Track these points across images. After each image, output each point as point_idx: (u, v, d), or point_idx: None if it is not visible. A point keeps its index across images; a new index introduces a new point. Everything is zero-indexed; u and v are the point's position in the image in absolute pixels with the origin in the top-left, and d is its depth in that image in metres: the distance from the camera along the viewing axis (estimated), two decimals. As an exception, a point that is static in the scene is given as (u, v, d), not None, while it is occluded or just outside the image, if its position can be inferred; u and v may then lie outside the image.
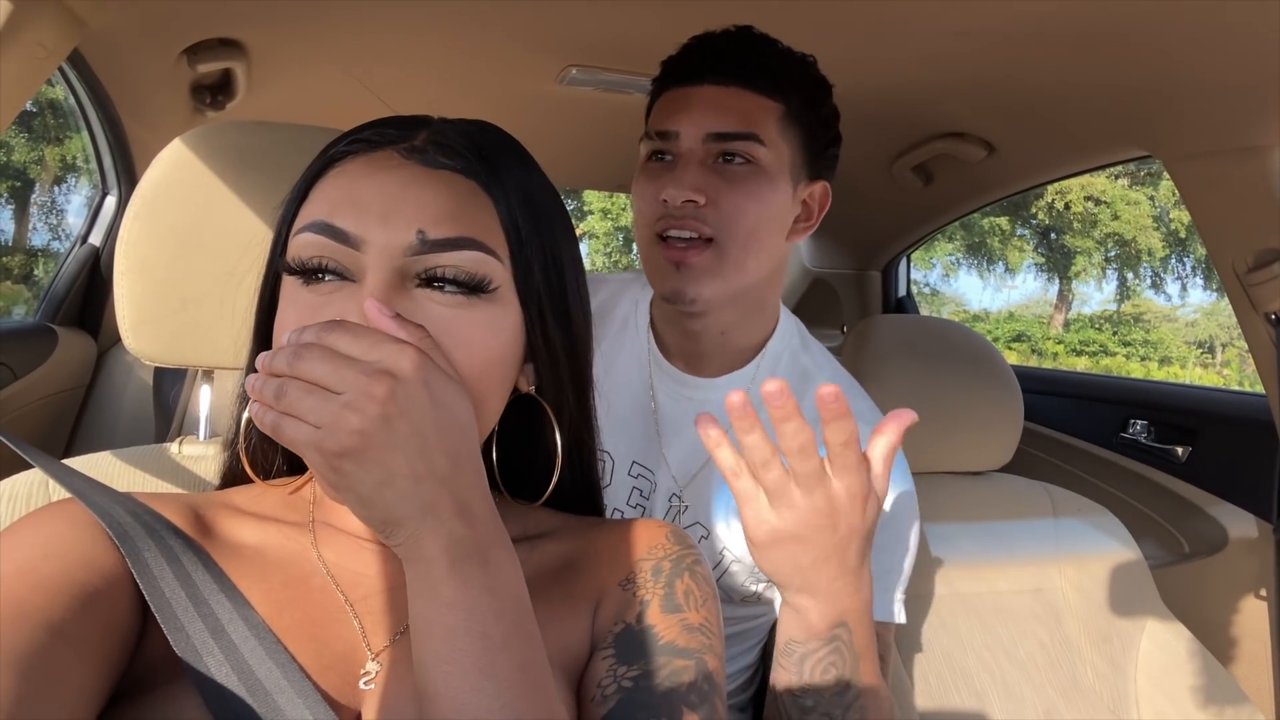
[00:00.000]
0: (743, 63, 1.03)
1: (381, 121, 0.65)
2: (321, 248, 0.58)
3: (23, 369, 1.71)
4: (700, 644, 0.64)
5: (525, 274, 0.64)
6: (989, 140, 1.78)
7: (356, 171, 0.61)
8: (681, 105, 1.04)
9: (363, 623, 0.62)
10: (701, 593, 0.68)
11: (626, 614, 0.65)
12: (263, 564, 0.64)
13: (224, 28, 1.45)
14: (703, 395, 1.14)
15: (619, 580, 0.68)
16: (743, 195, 1.03)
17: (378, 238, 0.58)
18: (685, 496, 1.13)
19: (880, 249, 2.70)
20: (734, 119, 1.02)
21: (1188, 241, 20.76)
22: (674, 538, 0.71)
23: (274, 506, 0.69)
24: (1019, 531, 1.42)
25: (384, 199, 0.59)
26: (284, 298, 0.61)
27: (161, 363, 0.87)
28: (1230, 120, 1.29)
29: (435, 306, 0.59)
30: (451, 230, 0.59)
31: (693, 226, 1.02)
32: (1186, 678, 1.28)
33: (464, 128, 0.66)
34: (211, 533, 0.65)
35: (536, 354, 0.67)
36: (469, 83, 1.71)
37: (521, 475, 0.74)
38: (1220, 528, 1.81)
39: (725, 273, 1.04)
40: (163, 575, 0.58)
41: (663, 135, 1.05)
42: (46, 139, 9.27)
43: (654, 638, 0.63)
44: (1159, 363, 20.87)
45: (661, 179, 1.04)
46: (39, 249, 11.57)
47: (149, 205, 0.84)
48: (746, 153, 1.03)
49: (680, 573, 0.68)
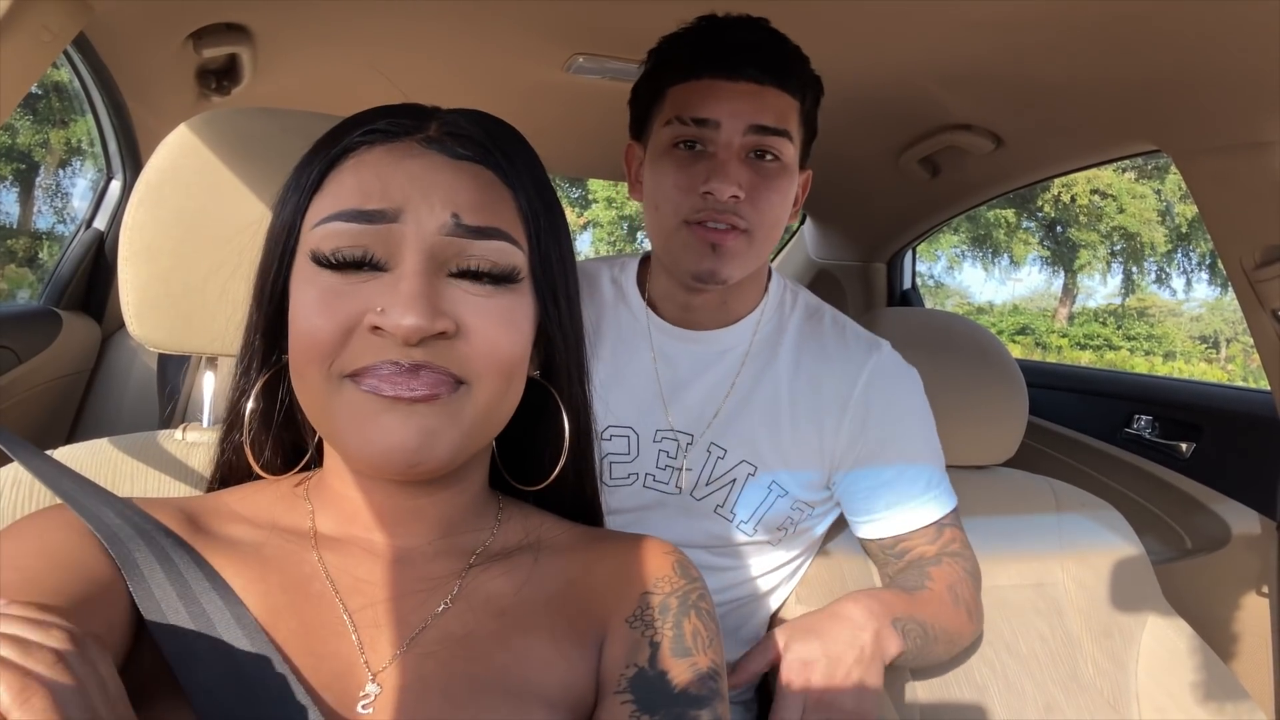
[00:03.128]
0: (778, 61, 1.08)
1: (390, 110, 0.65)
2: (355, 235, 0.58)
3: (27, 353, 1.72)
4: (710, 690, 0.64)
5: (543, 263, 0.65)
6: (997, 133, 1.77)
7: (378, 160, 0.61)
8: (724, 96, 1.07)
9: (361, 636, 0.61)
10: (708, 632, 0.68)
11: (637, 656, 0.64)
12: (260, 564, 0.63)
13: (230, 12, 1.44)
14: (715, 346, 1.20)
15: (625, 616, 0.67)
16: (774, 191, 1.10)
17: (414, 215, 0.58)
18: (721, 441, 1.18)
19: (886, 241, 2.69)
20: (772, 115, 1.08)
21: (1193, 236, 20.68)
22: (680, 569, 0.71)
23: (271, 508, 0.68)
24: (1022, 526, 1.42)
25: (414, 183, 0.59)
26: (301, 281, 0.61)
27: (165, 349, 0.87)
28: (1240, 116, 1.28)
29: (469, 297, 0.59)
30: (483, 219, 0.60)
31: (731, 220, 1.08)
32: (1187, 673, 1.28)
33: (473, 118, 0.66)
34: (206, 533, 0.64)
35: (549, 341, 0.68)
36: (475, 70, 1.71)
37: (521, 464, 0.74)
38: (1223, 524, 1.81)
39: (752, 257, 1.12)
40: (153, 576, 0.57)
41: (700, 123, 1.07)
42: (52, 122, 9.26)
43: (669, 685, 0.63)
44: (1163, 357, 20.84)
45: (696, 169, 1.08)
46: (44, 232, 11.57)
47: (154, 191, 0.84)
48: (778, 149, 1.09)
49: (687, 611, 0.68)
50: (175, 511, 0.65)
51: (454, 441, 0.60)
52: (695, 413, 1.18)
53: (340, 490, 0.67)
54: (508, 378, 0.61)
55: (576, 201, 21.69)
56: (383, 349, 0.57)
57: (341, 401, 0.58)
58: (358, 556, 0.65)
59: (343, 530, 0.66)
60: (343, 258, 0.58)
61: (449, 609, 0.64)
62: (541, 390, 0.70)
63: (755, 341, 1.21)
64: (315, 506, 0.68)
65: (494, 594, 0.66)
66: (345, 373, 0.58)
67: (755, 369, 1.20)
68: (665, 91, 1.12)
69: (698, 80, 1.08)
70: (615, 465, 1.18)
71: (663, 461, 1.18)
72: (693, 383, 1.19)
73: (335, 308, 0.58)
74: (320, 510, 0.68)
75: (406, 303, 0.56)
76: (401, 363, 0.57)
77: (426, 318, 0.56)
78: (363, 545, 0.66)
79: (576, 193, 21.39)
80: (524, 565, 0.68)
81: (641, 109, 1.18)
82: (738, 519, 1.18)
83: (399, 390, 0.57)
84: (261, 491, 0.70)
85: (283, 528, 0.66)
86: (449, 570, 0.66)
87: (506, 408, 0.64)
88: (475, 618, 0.64)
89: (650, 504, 1.18)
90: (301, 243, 0.62)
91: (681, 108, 1.08)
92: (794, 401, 1.19)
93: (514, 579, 0.67)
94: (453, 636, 0.62)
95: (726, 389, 1.19)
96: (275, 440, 0.71)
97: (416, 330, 0.56)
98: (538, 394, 0.70)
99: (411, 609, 0.63)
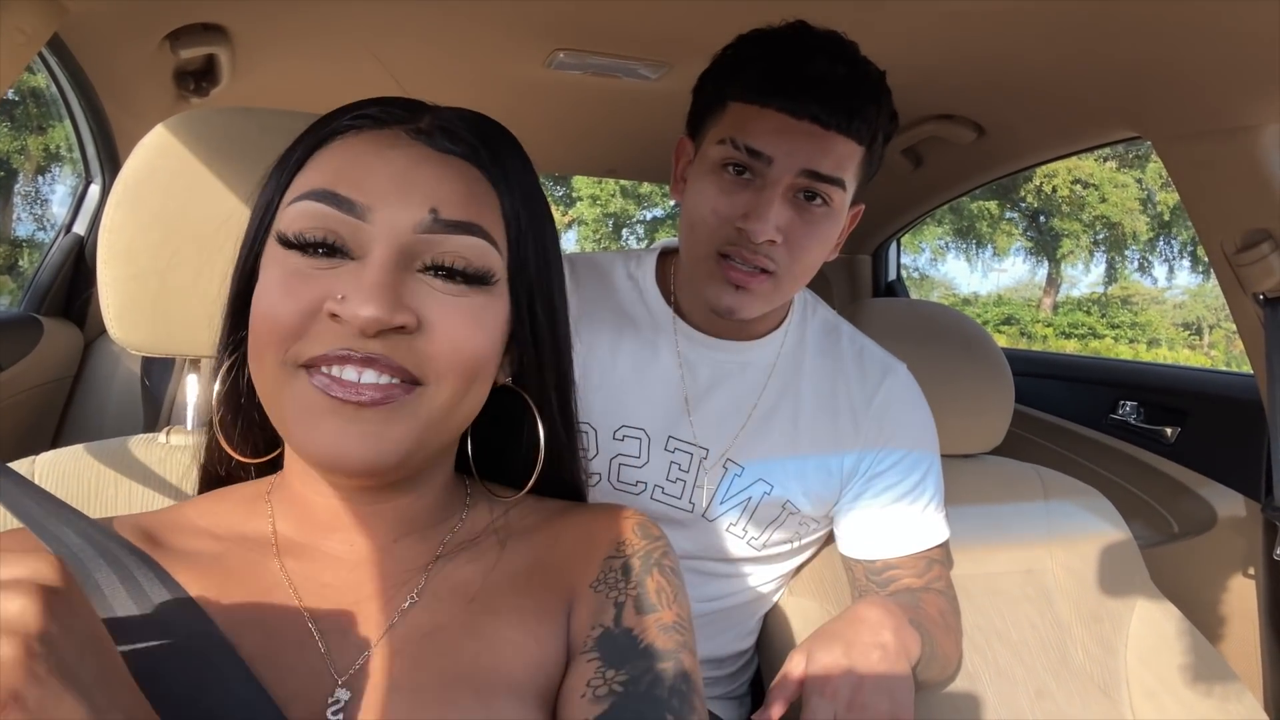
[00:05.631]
0: (848, 103, 1.00)
1: (385, 100, 0.64)
2: (323, 217, 0.57)
3: (8, 360, 1.70)
4: (676, 643, 0.64)
5: (520, 267, 0.64)
6: (978, 122, 1.78)
7: (363, 146, 0.60)
8: (784, 132, 1.01)
9: (328, 642, 0.60)
10: (672, 587, 0.68)
11: (603, 617, 0.64)
12: (222, 576, 0.61)
13: (206, 12, 1.43)
14: (739, 357, 1.18)
15: (589, 582, 0.66)
16: (813, 238, 1.05)
17: (387, 212, 0.57)
18: (739, 459, 1.16)
19: (870, 233, 2.69)
20: (830, 163, 1.02)
21: (1174, 224, 20.83)
22: (640, 530, 0.70)
23: (231, 517, 0.67)
24: (1010, 514, 1.42)
25: (395, 174, 0.58)
26: (269, 261, 0.60)
27: (147, 351, 0.86)
28: (1219, 100, 1.29)
29: (436, 294, 0.58)
30: (462, 214, 0.59)
31: (760, 262, 1.04)
32: (1176, 656, 1.29)
33: (466, 115, 0.65)
34: (166, 548, 0.63)
35: (521, 346, 0.66)
36: (455, 68, 1.70)
37: (500, 466, 0.73)
38: (1209, 507, 1.82)
39: (776, 298, 1.10)
40: (115, 595, 0.56)
41: (753, 154, 1.02)
42: (29, 128, 9.18)
43: (634, 639, 0.62)
44: (1147, 345, 20.98)
45: (738, 198, 1.03)
46: (23, 239, 11.48)
47: (131, 192, 0.83)
48: (826, 194, 1.03)
49: (650, 569, 0.67)
50: (134, 529, 0.64)
51: (405, 447, 0.58)
52: (715, 426, 1.16)
53: (300, 492, 0.66)
54: (468, 380, 0.60)
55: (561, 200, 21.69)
56: (339, 337, 0.56)
57: (292, 394, 0.57)
58: (321, 562, 0.64)
59: (304, 535, 0.65)
60: (305, 240, 0.57)
61: (416, 603, 0.63)
62: (518, 396, 0.69)
63: (780, 357, 1.19)
64: (276, 512, 0.67)
65: (461, 582, 0.65)
66: (300, 361, 0.57)
67: (779, 386, 1.18)
68: (728, 103, 1.05)
69: (762, 107, 1.01)
70: (625, 469, 1.15)
71: (673, 474, 1.16)
72: (713, 393, 1.17)
73: (298, 291, 0.57)
74: (281, 515, 0.66)
75: (368, 293, 0.55)
76: (355, 352, 0.55)
77: (386, 310, 0.54)
78: (325, 550, 0.65)
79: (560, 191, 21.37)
80: (491, 549, 0.68)
81: (701, 107, 1.11)
82: (748, 536, 1.18)
83: (347, 394, 0.56)
84: (222, 501, 0.69)
85: (244, 536, 0.65)
86: (415, 565, 0.65)
87: (466, 410, 0.63)
88: (444, 608, 0.63)
89: (657, 517, 1.16)
90: (275, 222, 0.61)
91: (738, 130, 1.03)
92: (812, 421, 1.18)
93: (482, 564, 0.67)
94: (421, 630, 0.61)
95: (750, 406, 1.17)
96: (247, 425, 0.69)
97: (374, 322, 0.54)
98: (514, 400, 0.69)
99: (378, 609, 0.62)
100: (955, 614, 1.18)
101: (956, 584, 1.24)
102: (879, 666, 0.96)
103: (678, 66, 1.58)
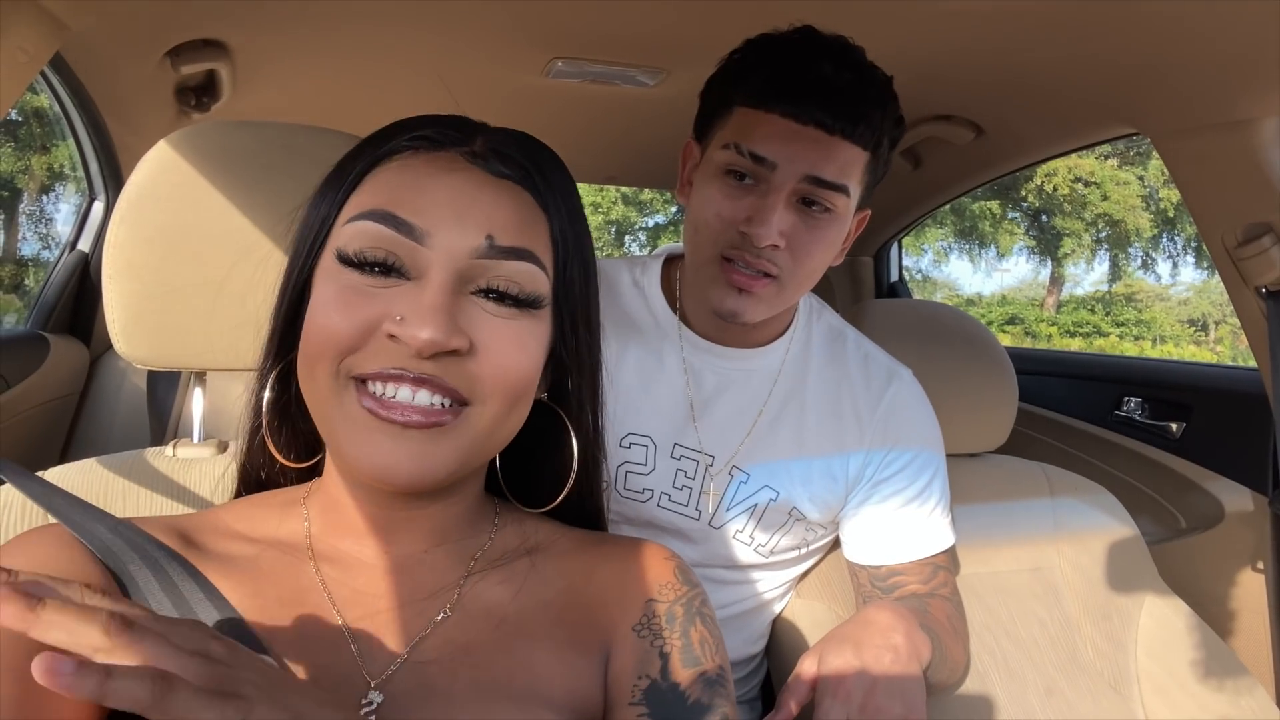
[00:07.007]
0: (853, 109, 1.00)
1: (437, 119, 0.65)
2: (383, 239, 0.58)
3: (15, 377, 1.71)
4: (721, 696, 0.65)
5: (566, 289, 0.65)
6: (977, 122, 1.78)
7: (421, 168, 0.61)
8: (787, 139, 1.00)
9: (360, 647, 0.61)
10: (714, 638, 0.69)
11: (649, 668, 0.65)
12: (256, 578, 0.62)
13: (207, 28, 1.44)
14: (745, 364, 1.18)
15: (631, 624, 0.67)
16: (816, 243, 1.05)
17: (447, 237, 0.58)
18: (745, 465, 1.16)
19: (871, 234, 2.69)
20: (834, 170, 1.02)
21: (1177, 220, 20.78)
22: (680, 575, 0.71)
23: (266, 522, 0.68)
24: (1016, 512, 1.42)
25: (456, 199, 0.60)
26: (324, 277, 0.61)
27: (153, 366, 0.87)
28: (1217, 94, 1.29)
29: (486, 316, 0.59)
30: (516, 239, 0.60)
31: (764, 266, 1.04)
32: (1186, 652, 1.28)
33: (516, 136, 0.67)
34: (200, 549, 0.64)
35: (561, 365, 0.68)
36: (454, 79, 1.71)
37: (528, 485, 0.74)
38: (1216, 502, 1.82)
39: (780, 302, 1.10)
40: (149, 588, 0.57)
41: (757, 159, 1.01)
42: (33, 147, 9.22)
43: (682, 696, 0.64)
44: (1153, 342, 20.93)
45: (741, 203, 1.03)
46: (29, 258, 11.51)
47: (135, 208, 0.83)
48: (830, 201, 1.03)
49: (692, 619, 0.68)
50: (168, 529, 0.65)
51: (451, 465, 0.60)
52: (720, 433, 1.16)
53: (336, 497, 0.67)
54: (513, 400, 0.62)
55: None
56: (394, 356, 0.57)
57: (341, 408, 0.59)
58: (355, 568, 0.65)
59: (339, 540, 0.66)
60: (365, 259, 0.58)
61: (449, 617, 0.64)
62: (549, 410, 0.70)
63: (785, 363, 1.19)
64: (312, 517, 0.68)
65: (492, 603, 0.66)
66: (353, 374, 0.58)
67: (784, 393, 1.18)
68: (733, 108, 1.05)
69: (766, 112, 1.01)
70: (631, 476, 1.15)
71: (679, 481, 1.16)
72: (718, 400, 1.17)
73: (355, 307, 0.58)
74: (316, 520, 0.68)
75: (426, 315, 0.56)
76: (409, 372, 0.57)
77: (443, 333, 0.56)
78: (359, 556, 0.66)
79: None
80: (520, 571, 0.69)
81: (707, 111, 1.11)
82: (755, 542, 1.18)
83: (393, 415, 0.57)
84: (257, 506, 0.70)
85: (279, 540, 0.66)
86: (447, 578, 0.66)
87: (509, 429, 0.64)
88: (475, 627, 0.64)
89: (664, 525, 1.16)
90: (331, 238, 0.62)
91: (743, 136, 1.03)
92: (817, 427, 1.18)
93: (511, 586, 0.67)
94: (454, 644, 0.62)
95: (755, 412, 1.17)
96: (291, 432, 0.70)
97: (431, 345, 0.56)
98: (545, 414, 0.70)
99: (411, 618, 0.63)
100: (962, 620, 1.18)
101: (964, 583, 1.24)
102: (891, 669, 0.97)
103: (675, 71, 1.59)
